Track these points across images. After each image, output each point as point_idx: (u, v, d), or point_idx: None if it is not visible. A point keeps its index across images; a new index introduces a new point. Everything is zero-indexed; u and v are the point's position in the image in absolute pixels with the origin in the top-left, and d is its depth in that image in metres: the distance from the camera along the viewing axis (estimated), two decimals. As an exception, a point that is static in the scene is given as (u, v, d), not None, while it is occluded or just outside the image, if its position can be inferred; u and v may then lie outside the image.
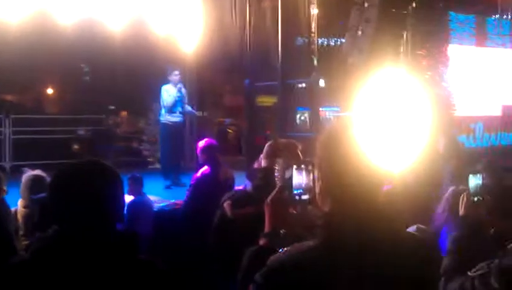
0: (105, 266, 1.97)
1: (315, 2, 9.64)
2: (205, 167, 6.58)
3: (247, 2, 11.02)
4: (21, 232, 5.22)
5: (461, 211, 3.16)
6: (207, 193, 6.23)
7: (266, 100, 14.90)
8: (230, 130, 15.40)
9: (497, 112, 10.94)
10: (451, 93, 9.25)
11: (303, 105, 12.93)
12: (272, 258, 1.79)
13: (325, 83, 10.61)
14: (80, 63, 18.89)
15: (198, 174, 6.64)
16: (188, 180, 7.27)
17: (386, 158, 1.88)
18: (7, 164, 11.86)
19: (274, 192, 2.21)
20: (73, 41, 11.85)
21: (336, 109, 12.69)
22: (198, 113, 12.55)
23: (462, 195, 3.18)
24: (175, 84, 9.61)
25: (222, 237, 3.76)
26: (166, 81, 9.72)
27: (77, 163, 2.17)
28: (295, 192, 2.11)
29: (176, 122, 9.64)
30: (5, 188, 4.89)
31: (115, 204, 2.11)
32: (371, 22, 8.75)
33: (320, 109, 10.77)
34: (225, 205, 3.83)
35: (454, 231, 3.27)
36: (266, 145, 3.88)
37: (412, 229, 3.47)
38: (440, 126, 6.60)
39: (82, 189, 2.02)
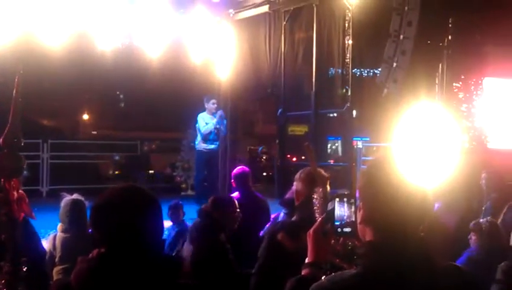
0: (146, 288, 2.03)
1: (350, 32, 9.70)
2: (233, 195, 6.63)
3: (282, 32, 11.14)
4: (58, 256, 5.29)
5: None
6: None
7: (298, 129, 14.95)
8: (261, 158, 15.44)
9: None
10: (487, 126, 9.18)
11: (334, 134, 12.95)
12: (314, 285, 1.83)
13: (357, 113, 10.63)
14: (116, 90, 19.26)
15: None
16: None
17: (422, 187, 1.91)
18: (44, 188, 12.07)
19: (317, 223, 2.24)
20: (110, 68, 12.12)
21: (366, 139, 12.70)
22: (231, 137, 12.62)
23: None
24: (211, 113, 9.70)
25: (272, 269, 3.59)
26: (203, 109, 9.81)
27: (118, 188, 2.21)
28: (337, 224, 2.15)
29: (210, 149, 9.74)
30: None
31: (154, 228, 2.15)
32: (406, 54, 8.78)
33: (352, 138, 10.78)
34: (280, 237, 3.64)
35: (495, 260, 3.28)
36: (305, 171, 3.87)
37: None
38: (479, 160, 6.60)
39: (123, 213, 2.08)
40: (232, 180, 6.77)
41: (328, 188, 3.47)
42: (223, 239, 4.65)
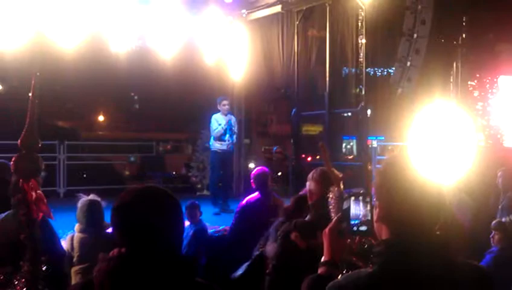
0: (167, 289, 2.04)
1: (363, 32, 9.68)
2: (253, 194, 6.68)
3: (295, 32, 11.15)
4: (76, 256, 5.34)
5: None
6: (254, 220, 6.32)
7: (312, 129, 14.92)
8: (276, 158, 15.42)
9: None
10: (503, 124, 9.12)
11: (349, 134, 12.91)
12: (331, 284, 1.84)
13: (371, 112, 10.60)
14: (130, 91, 19.35)
15: (244, 201, 6.75)
16: (236, 207, 7.37)
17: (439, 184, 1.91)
18: (61, 189, 12.17)
19: (332, 222, 2.26)
20: (124, 70, 12.19)
21: (381, 138, 12.65)
22: (246, 141, 12.64)
23: None
24: (224, 113, 9.76)
25: (286, 268, 3.63)
26: (216, 110, 9.87)
27: (139, 189, 2.19)
28: (352, 222, 2.17)
29: (225, 150, 9.78)
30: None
31: (175, 229, 2.15)
32: (420, 53, 8.76)
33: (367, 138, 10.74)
34: (293, 237, 3.64)
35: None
36: (317, 171, 3.88)
37: None
38: (495, 158, 6.58)
39: (144, 214, 2.07)
40: (252, 181, 6.81)
41: (342, 187, 3.48)
42: None
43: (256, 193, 6.62)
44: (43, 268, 3.57)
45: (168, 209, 2.14)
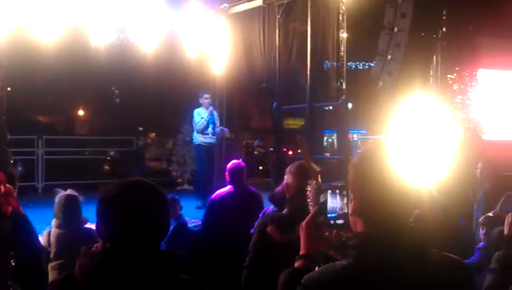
0: (151, 285, 2.00)
1: (344, 26, 9.68)
2: (225, 188, 6.66)
3: (276, 25, 11.12)
4: (53, 252, 5.29)
5: (506, 231, 3.19)
6: (226, 214, 6.31)
7: (293, 123, 14.93)
8: (257, 152, 15.43)
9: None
10: (481, 117, 9.21)
11: (330, 128, 12.93)
12: (306, 276, 1.84)
13: (352, 105, 10.61)
14: (111, 85, 19.18)
15: (214, 195, 6.73)
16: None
17: (416, 181, 1.91)
18: (39, 184, 12.04)
19: (309, 216, 2.25)
20: (105, 64, 12.07)
21: (363, 131, 12.69)
22: (229, 135, 12.63)
23: (508, 215, 3.23)
24: (206, 107, 9.79)
25: (263, 262, 3.61)
26: (198, 105, 9.88)
27: (125, 182, 2.13)
28: (329, 216, 2.15)
29: (209, 143, 9.82)
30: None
31: (161, 224, 2.12)
32: (400, 46, 8.80)
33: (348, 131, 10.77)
34: (269, 230, 3.63)
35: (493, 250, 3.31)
36: (295, 164, 3.88)
37: None
38: (474, 151, 6.63)
39: (130, 208, 2.03)
40: (227, 174, 6.78)
41: (320, 181, 3.46)
42: None
43: (229, 187, 6.59)
44: (12, 263, 3.51)
45: (155, 203, 2.10)
